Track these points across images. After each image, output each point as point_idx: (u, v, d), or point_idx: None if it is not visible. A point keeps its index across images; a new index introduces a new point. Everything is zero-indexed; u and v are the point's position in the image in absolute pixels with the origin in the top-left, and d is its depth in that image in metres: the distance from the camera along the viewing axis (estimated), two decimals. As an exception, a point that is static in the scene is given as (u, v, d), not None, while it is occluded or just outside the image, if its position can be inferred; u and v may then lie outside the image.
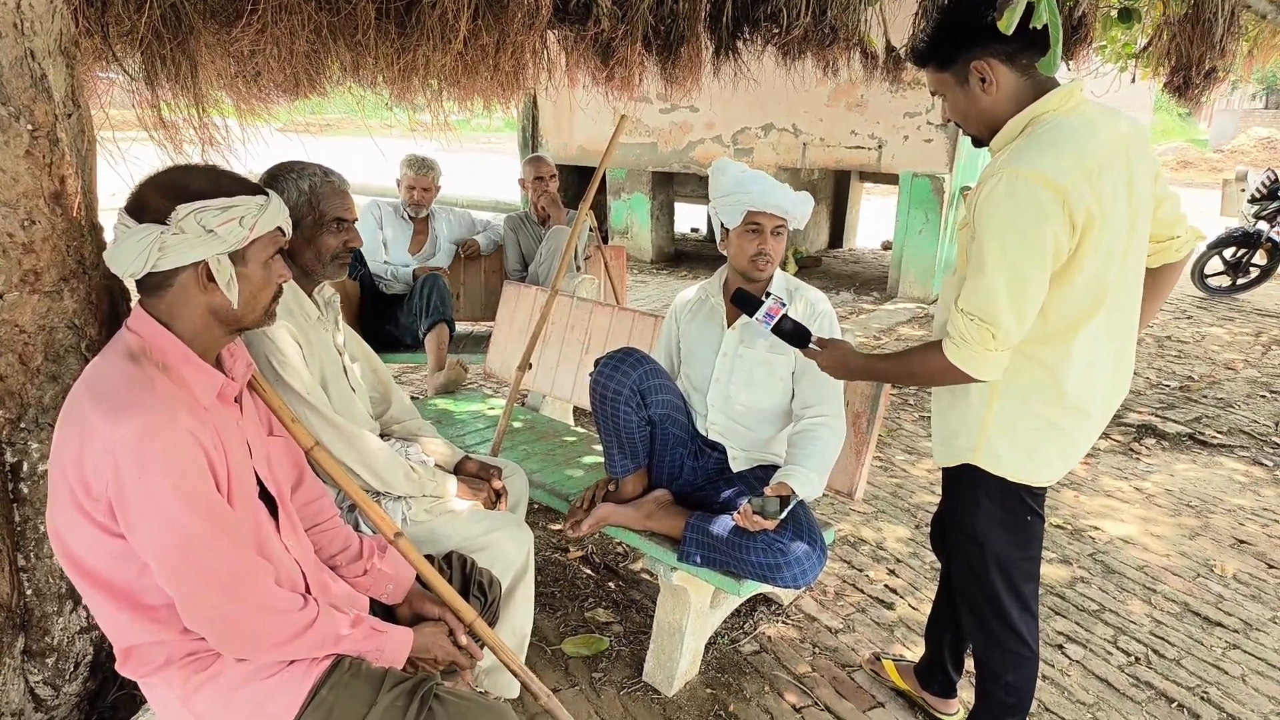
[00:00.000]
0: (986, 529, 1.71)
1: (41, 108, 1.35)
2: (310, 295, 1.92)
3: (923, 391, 4.89)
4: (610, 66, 3.38)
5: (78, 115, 1.46)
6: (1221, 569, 2.96)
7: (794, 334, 1.85)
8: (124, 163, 1.91)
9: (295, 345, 1.80)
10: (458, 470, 2.14)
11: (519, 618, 2.00)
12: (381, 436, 2.09)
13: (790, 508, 1.96)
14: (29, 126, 1.34)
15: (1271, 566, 2.99)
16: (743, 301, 1.94)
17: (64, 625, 1.61)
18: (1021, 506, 1.69)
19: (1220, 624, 2.64)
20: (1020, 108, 1.53)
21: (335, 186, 1.87)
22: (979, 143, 1.65)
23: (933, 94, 1.68)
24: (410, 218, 4.13)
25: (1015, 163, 1.44)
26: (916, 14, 4.00)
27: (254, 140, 2.63)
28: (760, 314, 1.86)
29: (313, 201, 1.83)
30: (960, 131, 6.65)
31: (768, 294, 1.96)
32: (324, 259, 1.87)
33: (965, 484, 1.72)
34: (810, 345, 1.84)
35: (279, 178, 1.82)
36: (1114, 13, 4.33)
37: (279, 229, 1.37)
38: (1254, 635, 2.58)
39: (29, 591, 1.56)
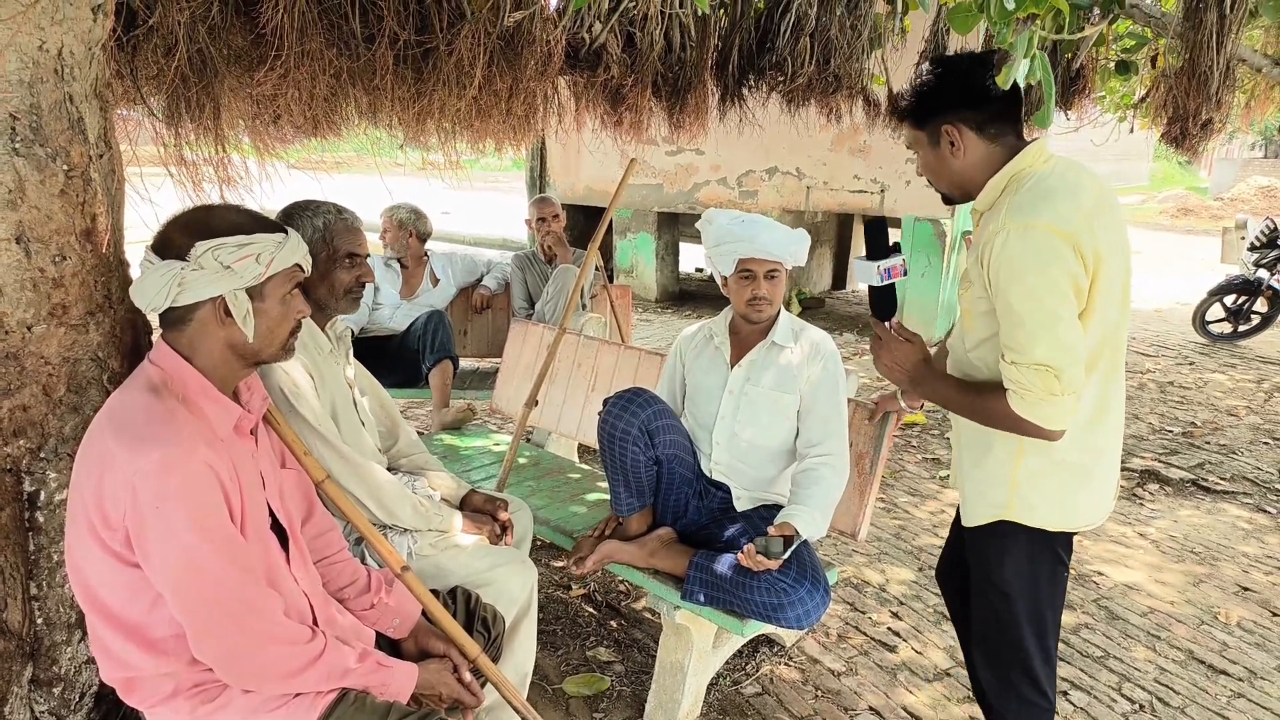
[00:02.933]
0: (1015, 582, 1.69)
1: (77, 149, 1.40)
2: (323, 329, 1.96)
3: (926, 434, 4.90)
4: (619, 111, 3.48)
5: (109, 155, 1.52)
6: (1226, 616, 2.95)
7: (888, 302, 1.73)
8: (145, 201, 1.97)
9: (308, 377, 1.84)
10: (463, 504, 2.16)
11: (521, 655, 2.01)
12: (389, 470, 2.11)
13: (794, 548, 1.97)
14: (65, 167, 1.39)
15: (1276, 614, 2.97)
16: (875, 235, 1.73)
17: (72, 655, 1.61)
18: (1050, 556, 1.68)
19: (1225, 672, 2.62)
20: (992, 170, 1.60)
21: (348, 223, 1.93)
22: (948, 200, 1.71)
23: (908, 147, 1.72)
24: (400, 263, 4.17)
25: (1018, 216, 1.48)
26: (918, 63, 4.10)
27: (270, 179, 2.70)
28: (883, 265, 1.70)
29: (327, 238, 1.88)
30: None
31: (898, 248, 1.73)
32: (337, 293, 1.92)
33: (994, 539, 1.70)
34: (890, 324, 1.72)
35: (294, 216, 1.88)
36: (1112, 65, 4.44)
37: (297, 266, 1.41)
38: (1259, 684, 2.57)
39: (39, 620, 1.57)
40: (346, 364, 2.04)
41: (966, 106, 1.57)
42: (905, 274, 1.72)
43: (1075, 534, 1.71)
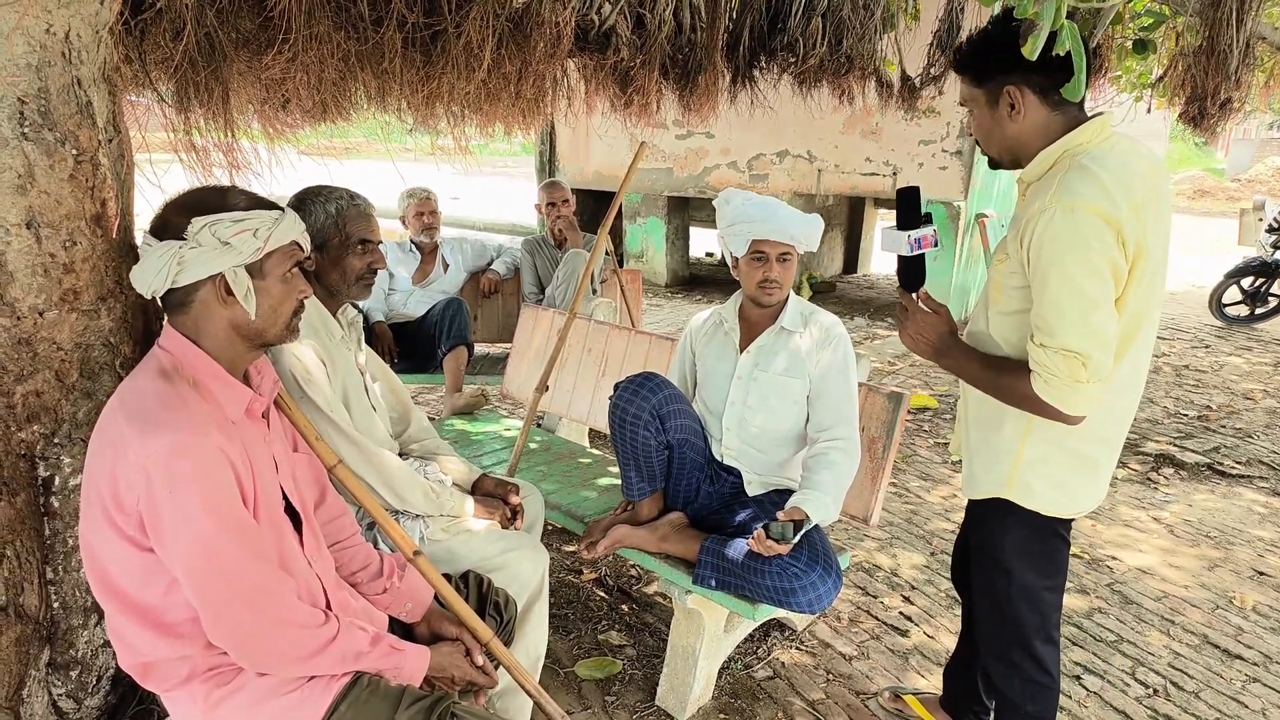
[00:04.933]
0: (1015, 559, 1.70)
1: (86, 134, 1.40)
2: (335, 315, 1.96)
3: (938, 418, 4.88)
4: (629, 94, 3.44)
5: (118, 140, 1.52)
6: (1241, 601, 2.93)
7: (915, 273, 1.68)
8: (155, 187, 1.97)
9: (320, 363, 1.84)
10: (475, 488, 2.17)
11: (534, 638, 2.01)
12: (400, 455, 2.12)
13: (804, 532, 1.97)
14: (74, 151, 1.38)
15: (1292, 599, 2.96)
16: (906, 203, 1.66)
17: (88, 638, 1.63)
18: (1051, 535, 1.69)
19: (1240, 657, 2.61)
20: (1048, 140, 1.54)
21: (361, 209, 1.93)
22: (995, 164, 1.65)
23: (961, 104, 1.64)
24: (418, 247, 4.19)
25: (1067, 197, 1.43)
26: (931, 44, 4.05)
27: (280, 164, 2.70)
28: (913, 235, 1.64)
29: (339, 224, 1.88)
30: (976, 155, 6.62)
31: (930, 218, 1.66)
32: (349, 279, 1.92)
33: (994, 514, 1.71)
34: (916, 295, 1.69)
35: (307, 201, 1.88)
36: (1129, 43, 4.37)
37: (295, 244, 1.41)
38: (1274, 668, 2.55)
39: (56, 604, 1.58)
40: (358, 350, 2.04)
41: (1033, 68, 1.46)
42: (936, 244, 1.66)
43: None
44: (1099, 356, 1.44)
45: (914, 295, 1.70)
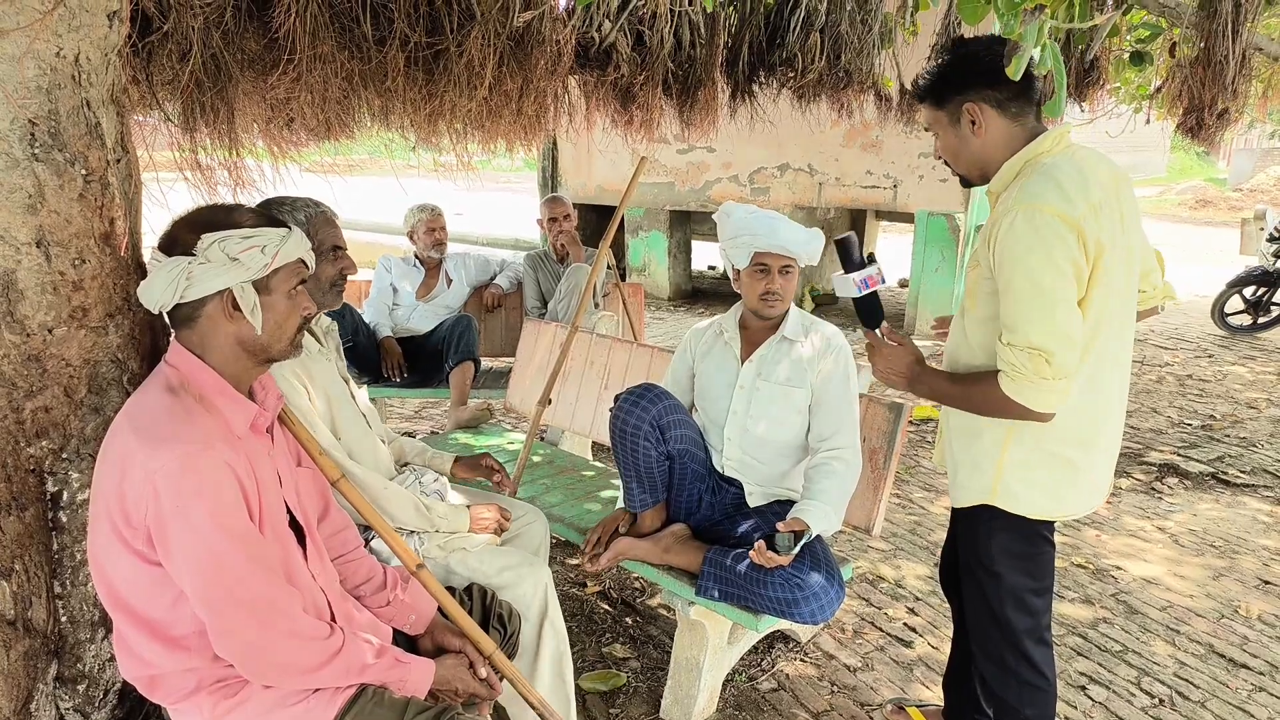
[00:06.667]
0: (1003, 563, 1.73)
1: (95, 154, 1.42)
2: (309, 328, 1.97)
3: (940, 429, 4.88)
4: (629, 110, 3.48)
5: (126, 160, 1.54)
6: (1246, 610, 2.92)
7: (872, 311, 1.78)
8: (162, 206, 1.99)
9: (298, 381, 1.83)
10: (452, 474, 2.20)
11: (551, 646, 1.96)
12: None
13: (804, 542, 1.97)
14: (83, 171, 1.41)
15: (1298, 608, 2.95)
16: (845, 251, 1.77)
17: (96, 652, 1.64)
18: (1036, 538, 1.72)
19: (1246, 666, 2.60)
20: (1011, 151, 1.61)
21: (327, 217, 1.94)
22: (966, 182, 1.73)
23: (926, 129, 1.73)
24: (422, 261, 4.22)
25: (1027, 199, 1.49)
26: (930, 57, 4.09)
27: (284, 182, 2.73)
28: (858, 277, 1.75)
29: (310, 232, 1.88)
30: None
31: (873, 258, 1.76)
32: (323, 287, 1.92)
33: (979, 521, 1.74)
34: (878, 331, 1.78)
35: (274, 212, 1.88)
36: (1126, 55, 4.40)
37: (301, 260, 1.43)
38: (1281, 678, 2.55)
39: (64, 618, 1.59)
40: (339, 359, 2.04)
41: (987, 85, 1.57)
42: (883, 281, 1.77)
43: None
44: (1062, 353, 1.48)
45: (877, 332, 1.78)
